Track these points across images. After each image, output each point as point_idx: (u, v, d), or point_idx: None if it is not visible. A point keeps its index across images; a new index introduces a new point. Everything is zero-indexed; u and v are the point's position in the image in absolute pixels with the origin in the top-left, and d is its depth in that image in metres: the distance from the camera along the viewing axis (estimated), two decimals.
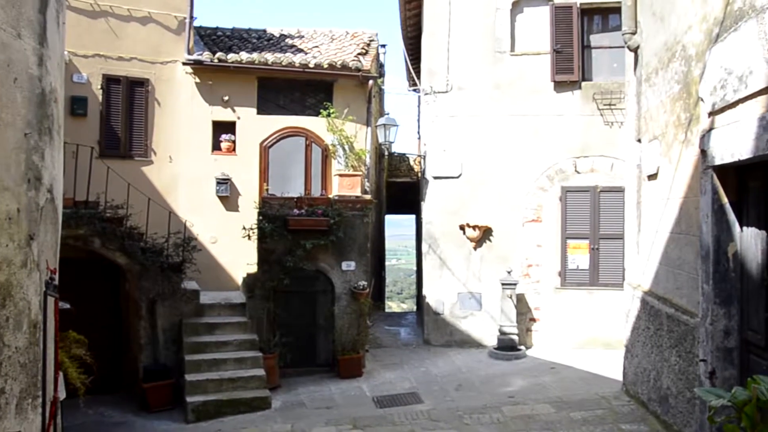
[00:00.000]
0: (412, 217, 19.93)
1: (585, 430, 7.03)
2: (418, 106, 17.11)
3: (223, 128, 11.84)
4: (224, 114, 11.82)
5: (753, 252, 5.02)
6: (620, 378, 8.46)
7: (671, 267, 6.57)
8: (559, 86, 11.89)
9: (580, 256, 11.67)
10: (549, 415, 7.63)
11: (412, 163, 16.72)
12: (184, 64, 11.52)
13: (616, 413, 7.48)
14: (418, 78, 14.63)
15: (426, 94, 12.44)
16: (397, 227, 32.21)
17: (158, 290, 9.62)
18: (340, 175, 11.38)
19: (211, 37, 13.00)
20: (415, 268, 24.30)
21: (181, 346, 9.53)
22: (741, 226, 5.23)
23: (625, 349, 8.25)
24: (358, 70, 11.96)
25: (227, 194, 11.65)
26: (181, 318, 9.79)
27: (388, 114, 12.48)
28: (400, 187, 16.96)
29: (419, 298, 15.64)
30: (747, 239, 5.13)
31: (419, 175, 15.44)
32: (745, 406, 3.73)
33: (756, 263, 4.97)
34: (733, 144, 4.86)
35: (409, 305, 31.98)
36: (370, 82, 12.31)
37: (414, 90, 17.29)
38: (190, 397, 8.76)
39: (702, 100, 5.58)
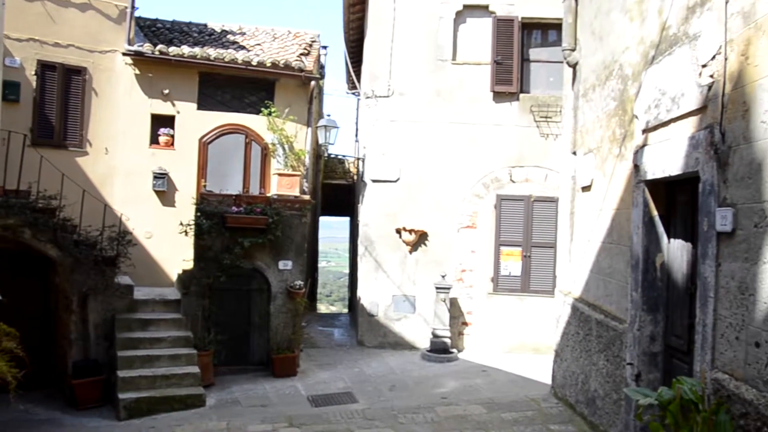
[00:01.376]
0: (345, 219, 19.99)
1: (516, 430, 7.28)
2: (357, 110, 17.26)
3: (162, 122, 11.64)
4: (164, 108, 11.63)
5: (679, 263, 5.36)
6: (549, 381, 8.79)
7: (602, 275, 6.89)
8: (498, 97, 12.21)
9: (512, 263, 12.02)
10: (481, 415, 7.86)
11: (348, 165, 16.78)
12: (124, 54, 11.27)
13: (545, 414, 7.77)
14: (359, 81, 14.74)
15: (367, 97, 12.56)
16: (328, 229, 32.21)
17: (91, 284, 9.35)
18: (280, 175, 11.37)
19: (150, 29, 12.77)
20: (346, 271, 24.34)
21: (114, 342, 9.32)
22: (669, 237, 5.57)
23: (554, 353, 8.56)
24: (300, 70, 11.99)
25: (164, 189, 11.47)
26: (113, 313, 9.57)
27: (329, 116, 12.53)
28: (335, 189, 16.98)
29: (353, 299, 15.72)
30: (674, 250, 5.47)
31: (355, 178, 15.55)
32: (670, 405, 4.02)
33: (681, 273, 5.31)
34: (665, 160, 5.18)
35: (339, 308, 32.01)
36: (312, 83, 12.36)
37: (353, 93, 17.42)
38: (122, 393, 8.57)
39: (636, 117, 5.90)
